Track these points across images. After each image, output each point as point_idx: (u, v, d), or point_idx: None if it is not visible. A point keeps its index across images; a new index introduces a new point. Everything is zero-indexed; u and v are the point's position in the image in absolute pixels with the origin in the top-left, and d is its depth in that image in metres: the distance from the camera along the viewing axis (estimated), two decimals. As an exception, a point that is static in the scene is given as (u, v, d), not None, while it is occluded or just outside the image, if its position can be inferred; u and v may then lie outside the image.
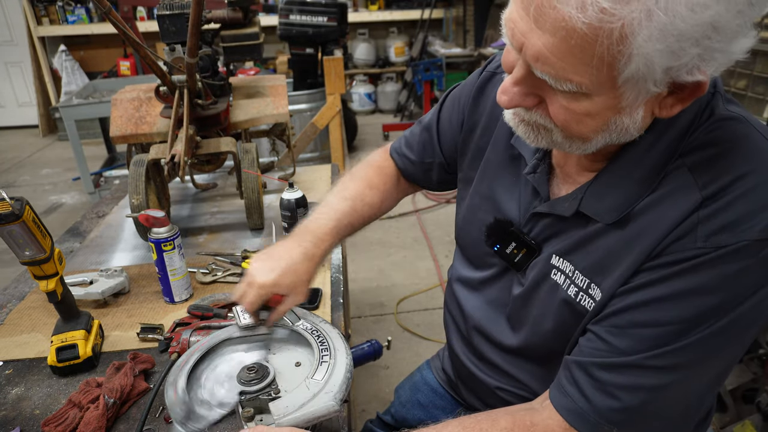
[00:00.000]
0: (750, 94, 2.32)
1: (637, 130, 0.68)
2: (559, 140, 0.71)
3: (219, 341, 0.95)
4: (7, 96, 6.56)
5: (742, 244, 0.63)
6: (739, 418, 1.96)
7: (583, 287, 0.77)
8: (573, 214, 0.78)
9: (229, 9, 1.85)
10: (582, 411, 0.73)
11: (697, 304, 0.66)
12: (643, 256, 0.70)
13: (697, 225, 0.65)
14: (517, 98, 0.68)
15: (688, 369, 0.69)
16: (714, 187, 0.66)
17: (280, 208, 1.37)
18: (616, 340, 0.71)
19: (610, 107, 0.64)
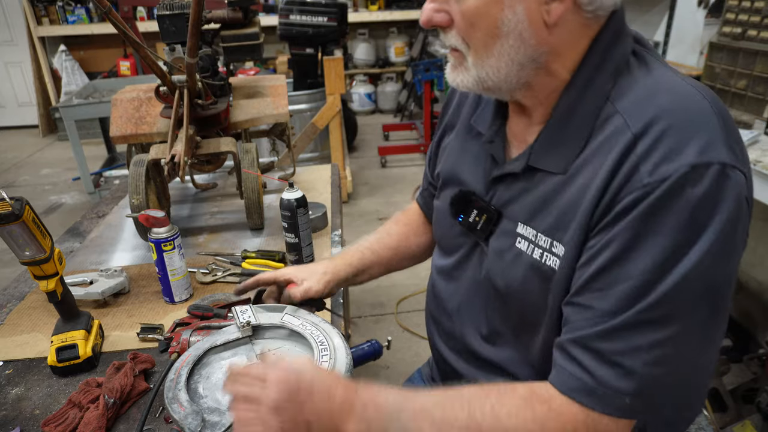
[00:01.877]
0: (750, 94, 2.32)
1: (535, 40, 0.74)
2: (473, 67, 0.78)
3: (203, 352, 0.95)
4: (7, 96, 6.56)
5: (684, 170, 0.65)
6: (739, 418, 1.96)
7: (547, 247, 0.78)
8: (525, 170, 0.82)
9: (229, 9, 1.85)
10: (588, 386, 0.70)
11: (664, 244, 0.66)
12: (594, 205, 0.71)
13: (638, 164, 0.68)
14: (430, 14, 0.78)
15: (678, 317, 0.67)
16: (641, 124, 0.69)
17: (280, 208, 1.37)
18: (601, 303, 0.70)
19: (492, 1, 0.72)
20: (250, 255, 1.48)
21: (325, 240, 1.60)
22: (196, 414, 0.81)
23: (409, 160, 5.11)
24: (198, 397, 0.88)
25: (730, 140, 0.68)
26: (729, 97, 2.43)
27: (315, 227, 1.63)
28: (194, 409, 0.82)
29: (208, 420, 0.82)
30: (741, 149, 0.69)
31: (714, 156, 0.65)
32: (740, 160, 0.67)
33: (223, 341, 0.98)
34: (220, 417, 0.83)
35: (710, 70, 2.53)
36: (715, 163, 0.65)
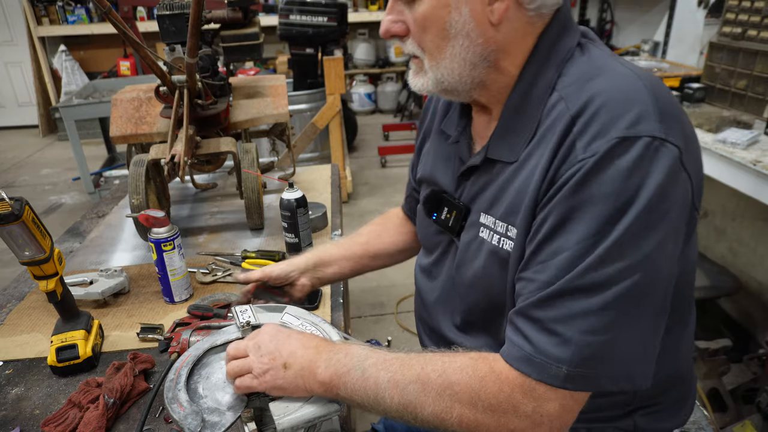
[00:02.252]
0: (750, 94, 2.32)
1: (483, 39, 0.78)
2: (430, 70, 0.83)
3: (203, 352, 0.95)
4: (7, 96, 6.56)
5: (612, 142, 0.68)
6: (739, 418, 1.96)
7: (503, 232, 0.82)
8: (484, 162, 0.87)
9: (229, 9, 1.85)
10: (527, 355, 0.72)
11: (596, 214, 0.68)
12: (539, 186, 0.75)
13: (575, 142, 0.72)
14: (388, 24, 0.83)
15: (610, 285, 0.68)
16: (579, 105, 0.73)
17: (280, 208, 1.37)
18: (541, 275, 0.73)
19: (438, 5, 0.77)
20: (250, 255, 1.49)
21: (325, 240, 1.60)
22: (196, 414, 0.81)
23: (409, 160, 5.08)
24: (198, 397, 0.88)
25: (664, 116, 0.70)
26: (729, 97, 2.43)
27: (315, 227, 1.63)
28: (194, 409, 0.82)
29: (207, 420, 0.82)
30: (679, 125, 0.72)
31: (643, 129, 0.68)
32: (674, 134, 0.69)
33: (223, 341, 0.98)
34: (220, 417, 0.83)
35: (710, 70, 2.53)
36: (644, 136, 0.68)
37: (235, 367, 0.85)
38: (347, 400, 0.82)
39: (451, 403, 0.75)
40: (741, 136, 2.01)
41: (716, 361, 2.06)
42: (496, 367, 0.75)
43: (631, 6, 3.79)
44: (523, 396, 0.73)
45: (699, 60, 2.87)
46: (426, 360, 0.80)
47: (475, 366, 0.76)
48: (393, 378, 0.78)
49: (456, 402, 0.75)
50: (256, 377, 0.83)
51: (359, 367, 0.80)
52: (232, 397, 0.88)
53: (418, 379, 0.77)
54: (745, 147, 1.98)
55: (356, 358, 0.82)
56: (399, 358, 0.81)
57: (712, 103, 2.52)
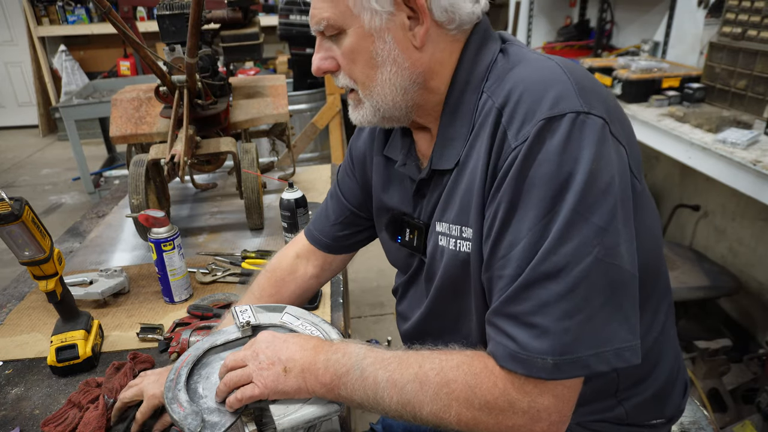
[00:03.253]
0: (750, 94, 2.32)
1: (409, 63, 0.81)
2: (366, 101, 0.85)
3: (203, 352, 0.95)
4: (7, 96, 6.56)
5: (539, 124, 0.70)
6: (739, 418, 1.96)
7: (458, 234, 0.84)
8: (430, 175, 0.88)
9: (229, 9, 1.85)
10: (513, 352, 0.72)
11: (539, 197, 0.70)
12: (482, 182, 0.77)
13: (506, 132, 0.74)
14: (319, 62, 0.85)
15: (573, 265, 0.68)
16: (502, 96, 0.76)
17: (279, 208, 1.37)
18: (505, 270, 0.73)
19: (362, 36, 0.80)
20: (249, 255, 1.49)
21: (325, 240, 1.60)
22: (196, 414, 0.81)
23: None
24: (198, 397, 0.88)
25: (584, 91, 0.73)
26: (729, 97, 2.43)
27: (315, 227, 1.63)
28: (194, 409, 0.82)
29: (207, 420, 0.82)
30: (600, 99, 0.74)
31: (565, 107, 0.70)
32: (596, 107, 0.71)
33: (222, 341, 0.98)
34: (220, 417, 0.83)
35: (710, 70, 2.53)
36: (568, 113, 0.70)
37: (234, 378, 0.84)
38: (348, 401, 0.82)
39: (449, 401, 0.75)
40: (741, 136, 2.01)
41: (716, 361, 2.06)
42: (490, 365, 0.75)
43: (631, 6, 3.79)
44: (516, 392, 0.73)
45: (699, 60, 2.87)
46: (423, 358, 0.80)
47: (470, 363, 0.77)
48: (391, 377, 0.78)
49: (453, 400, 0.75)
50: (257, 385, 0.82)
51: (357, 367, 0.80)
52: (232, 397, 0.88)
53: (416, 378, 0.77)
54: (745, 147, 1.98)
55: (354, 358, 0.82)
56: (397, 357, 0.81)
57: (712, 103, 2.52)
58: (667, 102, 2.57)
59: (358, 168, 1.10)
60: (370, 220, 1.12)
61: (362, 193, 1.10)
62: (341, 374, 0.81)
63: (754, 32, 2.29)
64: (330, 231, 1.15)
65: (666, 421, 0.95)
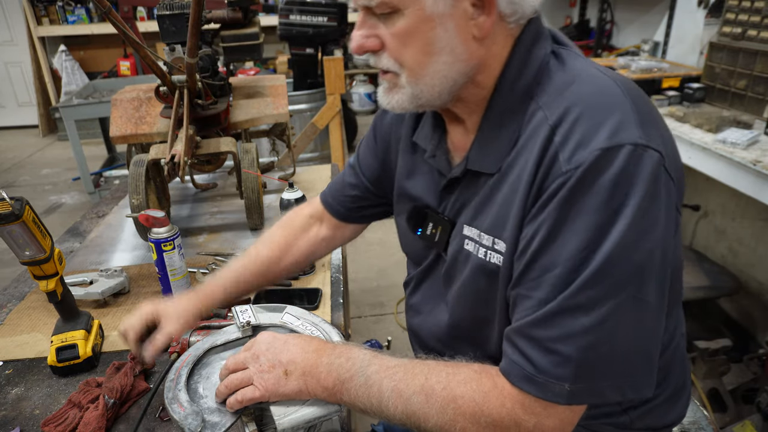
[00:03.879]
0: (750, 94, 2.32)
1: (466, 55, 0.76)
2: (408, 86, 0.79)
3: (203, 352, 0.95)
4: (7, 96, 6.56)
5: (595, 153, 0.67)
6: (739, 418, 1.96)
7: (490, 245, 0.81)
8: (465, 175, 0.85)
9: (229, 9, 1.85)
10: (529, 374, 0.72)
11: (585, 227, 0.68)
12: (525, 198, 0.74)
13: (557, 154, 0.70)
14: (361, 40, 0.79)
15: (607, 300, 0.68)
16: (557, 114, 0.72)
17: (280, 208, 1.37)
18: (536, 292, 0.72)
19: (421, 19, 0.74)
20: (250, 255, 1.48)
21: (325, 240, 1.60)
22: (196, 414, 0.81)
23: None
24: (198, 398, 0.88)
25: (644, 121, 0.70)
26: (729, 97, 2.43)
27: (315, 227, 1.63)
28: (194, 409, 0.82)
29: (208, 420, 0.82)
30: (657, 130, 0.71)
31: (625, 137, 0.67)
32: (654, 140, 0.69)
33: (223, 341, 0.98)
34: (221, 417, 0.83)
35: (710, 70, 2.53)
36: (627, 144, 0.67)
37: (235, 380, 0.83)
38: (350, 406, 0.82)
39: (455, 417, 0.75)
40: (741, 136, 2.01)
41: (716, 361, 2.06)
42: (499, 383, 0.75)
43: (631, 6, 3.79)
44: (524, 412, 0.73)
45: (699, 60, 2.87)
46: (429, 370, 0.79)
47: (479, 380, 0.76)
48: (396, 387, 0.78)
49: (459, 416, 0.75)
50: (258, 388, 0.82)
51: (362, 374, 0.80)
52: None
53: (422, 390, 0.77)
54: (745, 147, 1.98)
55: (359, 364, 0.81)
56: (402, 366, 0.80)
57: (712, 103, 2.52)
58: (667, 102, 2.57)
59: (381, 147, 1.07)
60: (384, 198, 1.11)
61: (381, 172, 1.08)
62: (345, 379, 0.80)
63: (754, 32, 2.29)
64: (344, 200, 1.15)
65: (669, 425, 0.95)
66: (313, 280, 1.41)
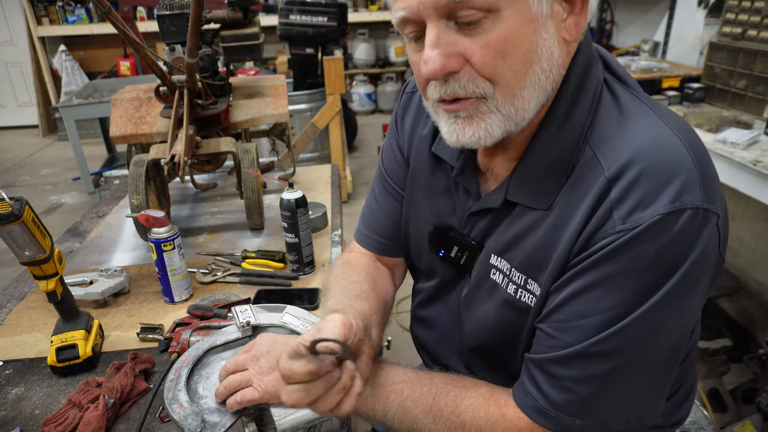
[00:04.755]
0: (750, 94, 2.32)
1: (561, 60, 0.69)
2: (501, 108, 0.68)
3: (203, 352, 0.95)
4: (7, 96, 6.56)
5: (656, 218, 0.63)
6: (739, 418, 1.96)
7: (521, 283, 0.78)
8: (503, 205, 0.79)
9: (229, 9, 1.85)
10: (541, 407, 0.74)
11: (628, 286, 0.66)
12: (570, 245, 0.70)
13: (612, 209, 0.66)
14: (441, 60, 0.64)
15: (633, 351, 0.69)
16: (615, 168, 0.66)
17: (280, 208, 1.37)
18: (562, 334, 0.72)
19: (523, 21, 0.63)
20: (250, 255, 1.48)
21: (325, 240, 1.60)
22: (196, 414, 0.81)
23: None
24: (198, 398, 0.88)
25: (707, 181, 0.65)
26: (729, 97, 2.43)
27: (315, 227, 1.63)
28: (194, 409, 0.82)
29: (208, 420, 0.82)
30: (716, 186, 0.68)
31: (687, 201, 0.63)
32: (714, 200, 0.66)
33: (223, 341, 0.98)
34: (221, 417, 0.83)
35: (710, 70, 2.53)
36: (688, 209, 0.63)
37: (234, 381, 0.83)
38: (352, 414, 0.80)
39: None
40: (741, 136, 2.01)
41: (716, 361, 2.06)
42: (507, 414, 0.76)
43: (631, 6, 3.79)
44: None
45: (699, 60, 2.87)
46: (437, 390, 0.79)
47: (487, 409, 0.77)
48: (403, 404, 0.78)
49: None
50: (257, 389, 0.81)
51: (367, 388, 0.79)
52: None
53: (429, 410, 0.77)
54: (745, 147, 1.98)
55: None
56: (409, 382, 0.80)
57: (712, 103, 2.52)
58: (667, 102, 2.57)
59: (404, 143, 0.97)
60: None
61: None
62: None
63: (754, 32, 2.29)
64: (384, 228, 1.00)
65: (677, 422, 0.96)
66: (313, 280, 1.41)
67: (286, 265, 1.45)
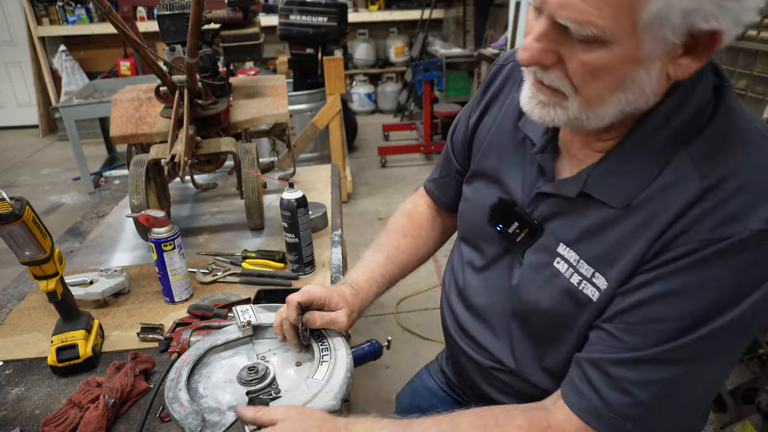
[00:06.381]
0: (750, 94, 2.32)
1: (652, 94, 0.69)
2: (574, 111, 0.71)
3: (204, 351, 0.95)
4: (7, 96, 6.56)
5: (747, 234, 0.63)
6: (739, 418, 1.96)
7: (588, 276, 0.77)
8: (578, 196, 0.78)
9: (229, 9, 1.85)
10: (596, 409, 0.73)
11: (707, 298, 0.66)
12: (647, 246, 0.70)
13: (702, 217, 0.66)
14: (538, 54, 0.68)
15: (698, 361, 0.69)
16: (714, 177, 0.66)
17: (280, 208, 1.37)
18: (629, 336, 0.72)
19: (628, 59, 0.64)
20: (250, 255, 1.49)
21: (325, 240, 1.60)
22: (197, 414, 0.81)
23: (409, 160, 5.11)
24: (198, 397, 0.88)
25: None
26: (729, 97, 2.43)
27: (315, 227, 1.63)
28: (194, 408, 0.82)
29: (208, 420, 0.82)
30: None
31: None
32: None
33: (223, 341, 0.98)
34: (220, 417, 0.83)
35: (710, 70, 2.53)
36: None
37: None
38: None
39: None
40: (741, 136, 2.01)
41: (716, 361, 2.06)
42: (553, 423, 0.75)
43: (631, 6, 3.79)
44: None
45: (699, 60, 2.87)
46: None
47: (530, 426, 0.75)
48: None
49: None
50: None
51: None
52: (233, 397, 0.88)
53: None
54: None
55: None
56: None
57: (712, 103, 2.52)
58: (667, 102, 2.56)
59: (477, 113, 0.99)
60: None
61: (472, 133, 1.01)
62: None
63: (754, 32, 2.29)
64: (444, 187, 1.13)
65: None
66: (313, 279, 1.41)
67: (287, 265, 1.45)
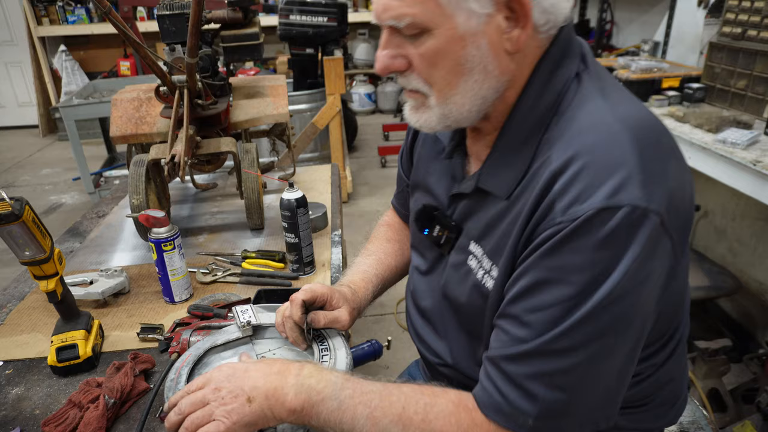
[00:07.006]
0: (750, 94, 2.32)
1: (500, 73, 0.74)
2: (437, 108, 0.77)
3: (203, 351, 0.95)
4: (7, 96, 6.56)
5: (591, 212, 0.65)
6: (739, 418, 1.96)
7: (488, 270, 0.81)
8: (474, 191, 0.84)
9: (229, 9, 1.84)
10: (497, 404, 0.74)
11: (572, 281, 0.67)
12: (519, 235, 0.74)
13: (554, 201, 0.69)
14: (387, 60, 0.76)
15: (586, 348, 0.69)
16: (562, 161, 0.69)
17: (280, 208, 1.37)
18: (515, 330, 0.73)
19: (451, 39, 0.71)
20: (250, 255, 1.49)
21: (325, 240, 1.60)
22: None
23: (409, 160, 5.11)
24: (198, 397, 0.88)
25: (648, 180, 0.66)
26: (729, 97, 2.43)
27: (315, 227, 1.63)
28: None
29: None
30: (662, 185, 0.68)
31: (624, 198, 0.65)
32: (656, 200, 0.66)
33: (223, 341, 0.98)
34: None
35: (710, 70, 2.53)
36: (625, 206, 0.65)
37: (195, 419, 0.79)
38: (318, 429, 0.80)
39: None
40: (741, 136, 2.01)
41: (716, 361, 2.06)
42: (477, 418, 0.77)
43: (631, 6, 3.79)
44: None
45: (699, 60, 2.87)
46: (407, 399, 0.78)
47: (458, 416, 0.77)
48: (372, 414, 0.77)
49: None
50: (221, 422, 0.78)
51: (335, 398, 0.78)
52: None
53: (399, 420, 0.77)
54: (745, 147, 1.98)
55: (331, 387, 0.79)
56: (378, 392, 0.79)
57: (712, 103, 2.52)
58: (667, 102, 2.57)
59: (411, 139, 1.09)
60: None
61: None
62: (315, 402, 0.78)
63: (754, 32, 2.29)
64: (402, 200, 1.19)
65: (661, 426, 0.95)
66: (313, 279, 1.41)
67: (286, 265, 1.45)
